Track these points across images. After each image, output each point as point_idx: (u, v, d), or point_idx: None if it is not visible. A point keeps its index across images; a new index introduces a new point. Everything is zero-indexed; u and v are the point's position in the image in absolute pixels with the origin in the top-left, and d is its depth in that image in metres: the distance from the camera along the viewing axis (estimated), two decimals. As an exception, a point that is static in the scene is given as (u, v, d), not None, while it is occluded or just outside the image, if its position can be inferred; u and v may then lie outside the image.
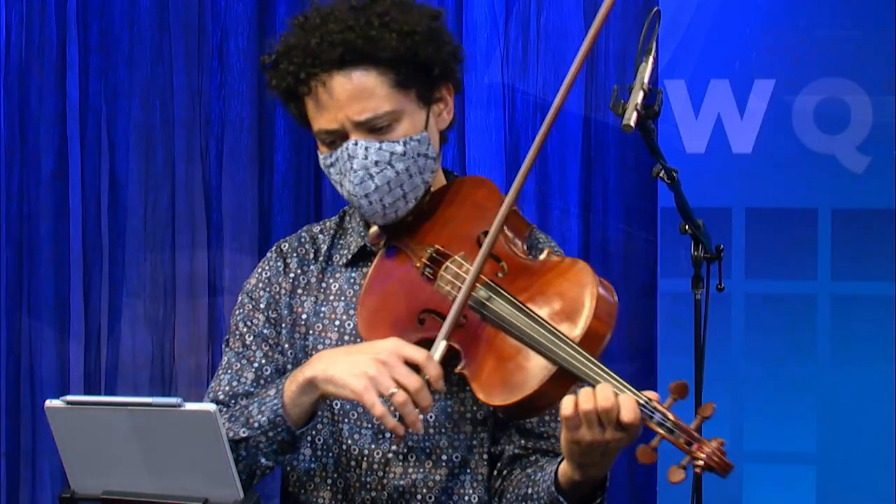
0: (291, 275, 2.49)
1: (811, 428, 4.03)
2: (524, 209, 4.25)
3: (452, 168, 4.40)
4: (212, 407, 2.04)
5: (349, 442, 2.38)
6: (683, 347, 3.05)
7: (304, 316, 2.46)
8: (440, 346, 2.21)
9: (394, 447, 2.36)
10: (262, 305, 2.48)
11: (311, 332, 2.44)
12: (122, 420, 2.08)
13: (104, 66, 4.42)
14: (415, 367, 2.21)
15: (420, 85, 2.36)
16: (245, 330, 2.47)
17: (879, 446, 3.99)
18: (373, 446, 2.37)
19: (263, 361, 2.45)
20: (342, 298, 2.44)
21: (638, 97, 2.44)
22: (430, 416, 2.36)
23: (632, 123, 2.41)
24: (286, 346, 2.46)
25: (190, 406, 2.06)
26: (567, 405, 2.09)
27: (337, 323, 2.43)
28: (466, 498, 2.37)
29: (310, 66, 2.33)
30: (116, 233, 4.43)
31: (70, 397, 2.11)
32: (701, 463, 2.03)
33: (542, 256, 2.31)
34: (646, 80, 2.45)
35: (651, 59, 2.48)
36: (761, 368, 4.05)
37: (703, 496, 2.71)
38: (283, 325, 2.47)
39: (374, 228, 2.44)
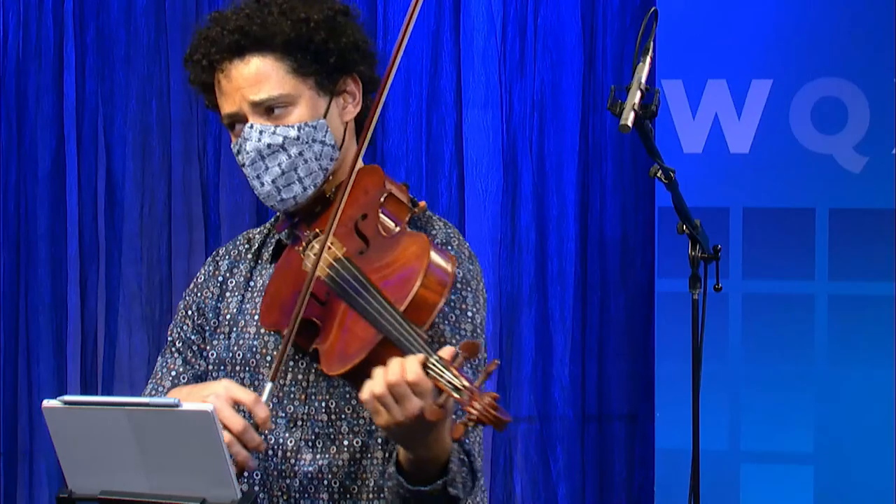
0: (220, 277, 2.53)
1: (809, 428, 4.03)
2: (521, 209, 4.26)
3: (450, 168, 4.43)
4: (209, 407, 2.05)
5: (265, 432, 2.40)
6: (681, 347, 3.05)
7: (227, 316, 2.49)
8: (267, 388, 2.28)
9: (305, 435, 2.39)
10: (190, 312, 2.53)
11: (234, 328, 2.48)
12: (120, 420, 2.08)
13: (101, 66, 4.42)
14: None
15: (319, 74, 2.41)
16: (175, 337, 2.53)
17: (877, 446, 3.98)
18: (286, 434, 2.40)
19: (182, 370, 2.49)
20: (263, 293, 2.48)
21: (635, 97, 2.44)
22: (332, 403, 2.39)
23: (629, 123, 2.42)
24: (208, 349, 2.50)
25: (187, 406, 2.07)
26: (364, 391, 2.13)
27: (256, 317, 2.46)
28: (368, 482, 2.39)
29: (212, 55, 2.42)
30: (113, 232, 4.43)
31: (67, 397, 2.11)
32: (474, 416, 2.05)
33: (397, 230, 2.35)
34: (643, 79, 2.45)
35: (648, 59, 2.49)
36: (759, 368, 4.05)
37: (700, 496, 2.72)
38: (208, 329, 2.50)
39: (281, 217, 2.50)
